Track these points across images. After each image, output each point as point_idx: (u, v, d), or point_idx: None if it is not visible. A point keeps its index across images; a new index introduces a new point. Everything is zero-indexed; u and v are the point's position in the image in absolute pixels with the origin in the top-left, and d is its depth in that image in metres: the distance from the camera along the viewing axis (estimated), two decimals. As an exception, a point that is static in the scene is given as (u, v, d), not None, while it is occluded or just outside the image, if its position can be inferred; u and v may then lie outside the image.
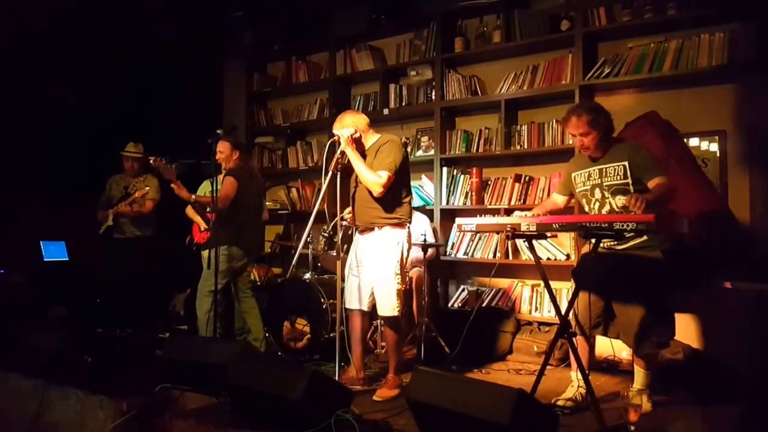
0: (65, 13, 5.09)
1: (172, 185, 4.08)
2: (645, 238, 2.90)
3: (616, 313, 2.95)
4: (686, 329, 3.65)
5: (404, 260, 3.38)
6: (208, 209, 4.21)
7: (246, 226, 4.22)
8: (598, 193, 3.02)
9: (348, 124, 3.35)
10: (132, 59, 5.56)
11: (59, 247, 5.85)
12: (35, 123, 5.34)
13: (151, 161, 4.04)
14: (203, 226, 4.64)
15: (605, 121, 3.00)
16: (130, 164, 5.13)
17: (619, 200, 2.92)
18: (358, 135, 3.35)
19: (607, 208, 2.98)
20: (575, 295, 2.87)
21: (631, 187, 2.91)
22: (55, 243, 5.83)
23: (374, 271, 3.33)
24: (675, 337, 3.16)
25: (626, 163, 2.92)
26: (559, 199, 3.30)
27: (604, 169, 3.00)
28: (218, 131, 4.04)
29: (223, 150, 4.20)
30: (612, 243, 2.96)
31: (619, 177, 2.95)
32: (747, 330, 3.31)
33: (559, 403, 2.95)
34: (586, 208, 3.11)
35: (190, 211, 4.79)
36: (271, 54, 6.24)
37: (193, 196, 4.12)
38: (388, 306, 3.28)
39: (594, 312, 2.98)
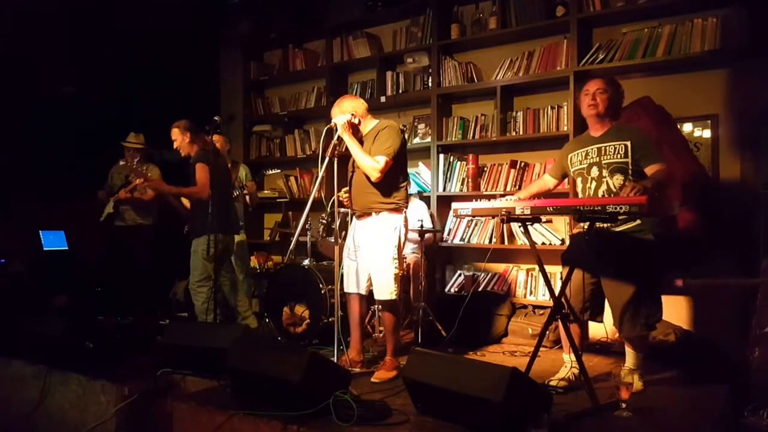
0: (63, 4, 5.09)
1: (140, 181, 4.21)
2: (638, 222, 2.92)
3: (606, 295, 2.99)
4: (678, 311, 3.71)
5: (401, 245, 3.42)
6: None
7: (223, 208, 4.13)
8: (595, 172, 3.03)
9: (347, 109, 3.37)
10: (129, 49, 5.56)
11: (58, 236, 5.89)
12: (34, 113, 5.36)
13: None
14: None
15: (620, 92, 3.10)
16: (131, 155, 5.16)
17: (617, 179, 2.94)
18: (357, 120, 3.37)
19: (603, 187, 2.99)
20: (567, 277, 2.91)
21: (630, 167, 2.93)
22: (55, 232, 5.87)
23: (372, 256, 3.37)
24: (667, 319, 3.22)
25: (628, 143, 2.94)
26: (549, 181, 3.32)
27: (603, 148, 3.01)
28: (215, 118, 4.06)
29: (174, 138, 4.18)
30: (605, 226, 3.00)
31: (619, 155, 2.96)
32: (735, 312, 3.39)
33: (552, 383, 3.00)
34: (581, 188, 3.11)
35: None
36: (268, 42, 6.24)
37: (173, 188, 4.24)
38: (386, 290, 3.32)
39: (583, 295, 3.00)
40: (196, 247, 4.08)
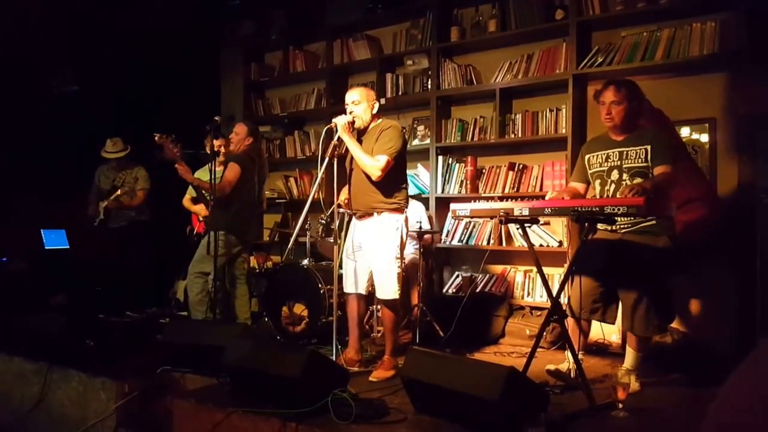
0: (64, 4, 5.12)
1: (177, 166, 4.05)
2: (653, 222, 2.92)
3: (619, 297, 2.99)
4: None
5: (403, 245, 3.44)
6: (207, 194, 4.26)
7: (244, 214, 4.24)
8: (615, 175, 3.03)
9: (357, 99, 3.40)
10: (130, 49, 5.59)
11: (60, 235, 5.91)
12: (35, 112, 5.38)
13: (156, 138, 4.04)
14: (202, 215, 4.70)
15: (638, 99, 3.06)
16: (114, 162, 5.22)
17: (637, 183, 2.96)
18: (377, 104, 3.44)
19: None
20: (566, 278, 2.93)
21: (650, 171, 2.94)
22: (56, 231, 5.89)
23: (375, 256, 3.38)
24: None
25: (648, 147, 2.96)
26: (579, 187, 3.26)
27: (625, 152, 3.01)
28: (216, 118, 4.09)
29: (239, 132, 4.26)
30: (618, 226, 2.98)
31: (640, 160, 2.97)
32: (730, 314, 3.40)
33: (551, 368, 3.02)
34: (599, 190, 3.09)
35: (187, 202, 4.86)
36: (269, 43, 6.26)
37: (195, 176, 4.22)
38: (390, 290, 3.34)
39: (592, 297, 3.00)
40: (205, 241, 4.13)
